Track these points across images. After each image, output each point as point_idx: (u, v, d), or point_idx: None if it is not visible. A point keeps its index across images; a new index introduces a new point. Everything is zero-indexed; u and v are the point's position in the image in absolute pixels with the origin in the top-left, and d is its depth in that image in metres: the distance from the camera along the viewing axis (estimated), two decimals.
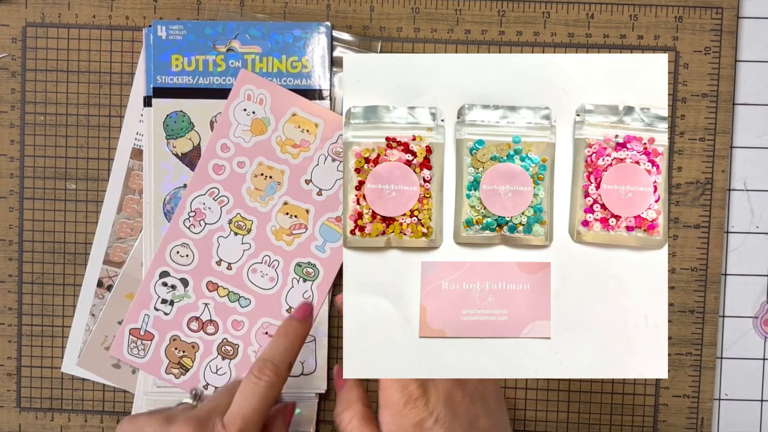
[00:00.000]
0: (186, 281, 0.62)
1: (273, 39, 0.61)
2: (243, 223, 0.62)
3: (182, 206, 0.62)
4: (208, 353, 0.62)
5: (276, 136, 0.62)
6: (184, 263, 0.62)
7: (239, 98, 0.61)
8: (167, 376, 0.62)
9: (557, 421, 0.65)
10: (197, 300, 0.62)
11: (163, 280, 0.62)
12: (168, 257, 0.62)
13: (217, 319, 0.62)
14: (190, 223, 0.62)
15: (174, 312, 0.62)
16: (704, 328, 0.65)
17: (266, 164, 0.62)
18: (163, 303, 0.62)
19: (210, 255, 0.62)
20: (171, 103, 0.62)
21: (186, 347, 0.62)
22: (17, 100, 0.64)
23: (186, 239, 0.62)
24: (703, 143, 0.64)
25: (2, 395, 0.65)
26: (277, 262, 0.62)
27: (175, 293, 0.62)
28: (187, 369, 0.62)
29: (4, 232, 0.65)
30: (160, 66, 0.62)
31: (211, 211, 0.62)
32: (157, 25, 0.62)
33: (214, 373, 0.62)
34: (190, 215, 0.62)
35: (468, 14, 0.64)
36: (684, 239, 0.64)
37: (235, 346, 0.62)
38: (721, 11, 0.64)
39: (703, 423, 0.65)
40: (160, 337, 0.62)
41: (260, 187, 0.62)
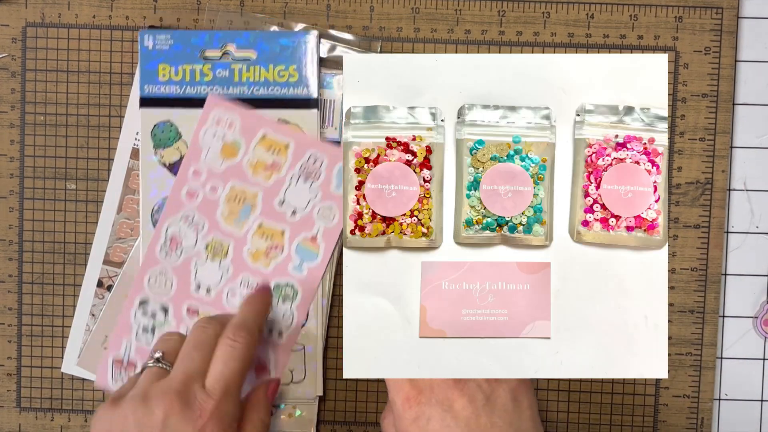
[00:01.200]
0: (166, 308, 0.62)
1: (260, 48, 0.61)
2: (220, 247, 0.62)
3: (158, 233, 0.62)
4: None
5: (247, 159, 0.62)
6: (162, 291, 0.62)
7: (208, 123, 0.61)
8: None
9: (557, 421, 0.65)
10: (178, 325, 0.62)
11: (143, 308, 0.62)
12: (146, 285, 0.62)
13: None
14: (167, 250, 0.62)
15: (155, 339, 0.62)
16: (704, 328, 0.65)
17: (239, 188, 0.62)
18: (144, 331, 0.62)
19: (188, 281, 0.62)
20: (159, 112, 0.62)
21: None
22: (17, 100, 0.64)
23: (163, 266, 0.62)
24: (703, 143, 0.64)
25: (2, 395, 0.65)
26: (255, 284, 0.62)
27: (156, 321, 0.62)
28: None
29: (4, 232, 0.65)
30: (147, 75, 0.62)
31: (187, 237, 0.62)
32: (144, 34, 0.62)
33: None
34: (166, 243, 0.62)
35: (468, 14, 0.64)
36: (684, 239, 0.64)
37: None
38: (721, 11, 0.64)
39: (703, 423, 0.65)
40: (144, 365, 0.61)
41: (234, 211, 0.62)
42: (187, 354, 0.55)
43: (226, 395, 0.54)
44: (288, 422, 0.63)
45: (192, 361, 0.54)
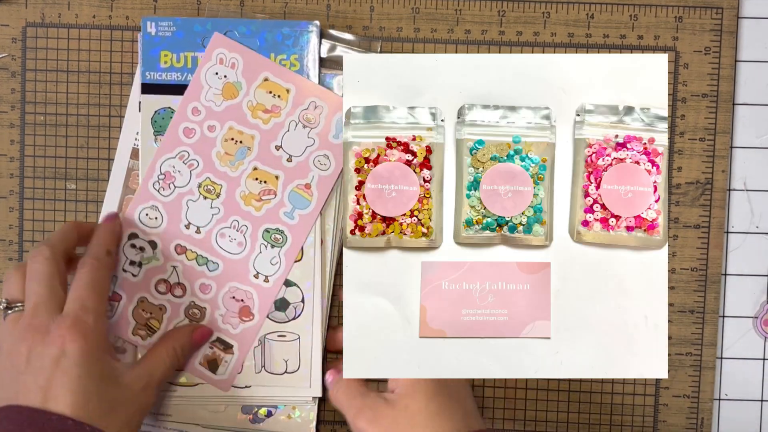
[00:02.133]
0: (154, 243, 0.62)
1: (262, 37, 0.61)
2: (212, 187, 0.62)
3: (152, 168, 0.62)
4: (175, 315, 0.62)
5: (247, 101, 0.61)
6: (152, 225, 0.62)
7: (211, 62, 0.61)
8: (134, 337, 0.62)
9: (557, 421, 0.65)
10: (165, 262, 0.62)
11: (132, 241, 0.62)
12: (137, 219, 0.62)
13: (185, 282, 0.62)
14: (160, 185, 0.62)
15: (142, 274, 0.62)
16: (704, 328, 0.65)
17: (237, 129, 0.62)
18: (132, 264, 0.62)
19: (179, 218, 0.62)
20: (159, 99, 0.62)
21: (153, 309, 0.62)
22: (17, 100, 0.64)
23: (155, 202, 0.62)
24: (703, 143, 0.64)
25: None
26: (245, 227, 0.62)
27: (144, 255, 0.62)
28: (154, 331, 0.62)
29: (4, 232, 0.65)
30: (149, 62, 0.62)
31: (181, 174, 0.62)
32: (146, 21, 0.62)
33: None
34: (160, 178, 0.62)
35: (468, 14, 0.64)
36: (684, 239, 0.64)
37: (202, 309, 0.62)
38: (721, 11, 0.64)
39: (703, 423, 0.65)
40: (128, 299, 0.62)
41: (230, 152, 0.62)
42: (29, 289, 0.56)
43: (83, 311, 0.55)
44: (287, 423, 0.63)
45: (35, 295, 0.56)
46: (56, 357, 0.53)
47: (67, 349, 0.54)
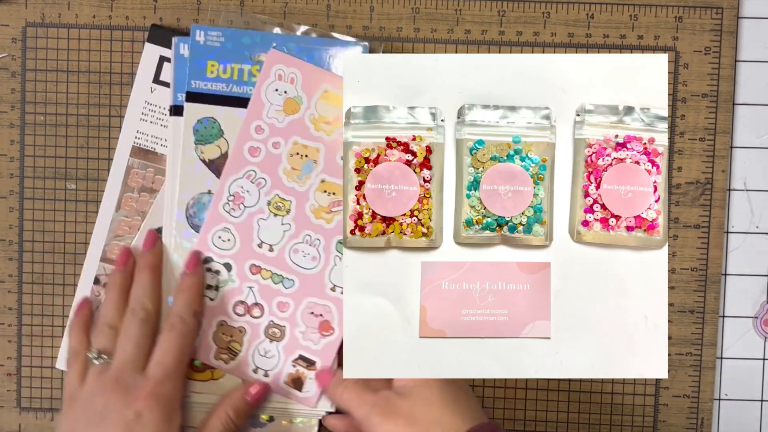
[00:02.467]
0: (229, 266, 0.62)
1: (309, 55, 0.61)
2: (282, 204, 0.61)
3: (221, 191, 0.61)
4: (256, 336, 0.62)
5: (309, 114, 0.61)
6: (226, 248, 0.62)
7: (270, 78, 0.61)
8: (217, 361, 0.62)
9: (557, 421, 0.65)
10: (241, 284, 0.62)
11: (207, 265, 0.62)
12: (210, 243, 0.62)
13: (262, 301, 0.62)
14: (230, 207, 0.61)
15: (219, 297, 0.62)
16: (704, 328, 0.65)
17: (301, 143, 0.61)
18: (209, 288, 0.62)
19: (251, 238, 0.62)
20: (204, 108, 0.62)
21: (233, 332, 0.62)
22: (17, 100, 0.64)
23: (227, 224, 0.62)
24: (703, 143, 0.64)
25: (2, 395, 0.65)
26: (318, 240, 0.61)
27: (220, 278, 0.62)
28: (236, 354, 0.62)
29: (4, 232, 0.65)
30: (195, 71, 0.62)
31: (250, 194, 0.61)
32: (196, 29, 0.61)
33: (263, 356, 0.62)
34: (229, 199, 0.61)
35: (468, 14, 0.64)
36: (684, 239, 0.64)
37: (281, 328, 0.62)
38: (721, 11, 0.64)
39: (703, 423, 0.65)
40: (207, 323, 0.62)
41: (297, 167, 0.61)
42: (120, 346, 0.59)
43: (164, 379, 0.58)
44: (288, 428, 0.62)
45: (125, 352, 0.58)
46: (130, 419, 0.56)
47: (142, 413, 0.56)
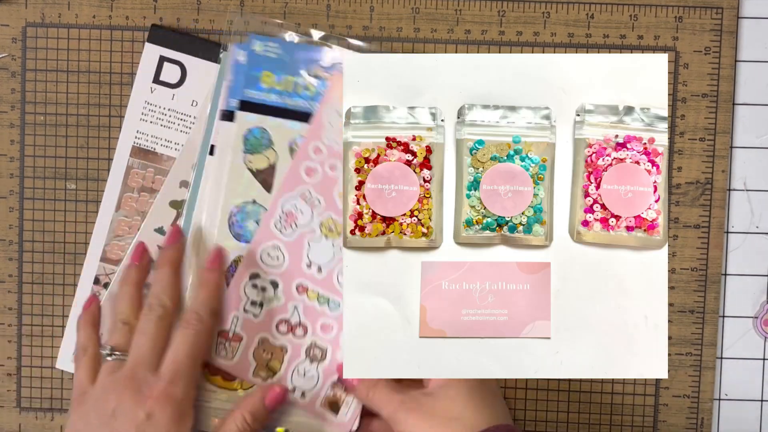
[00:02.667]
0: (276, 283, 0.61)
1: None
2: (334, 226, 0.61)
3: (273, 208, 0.61)
4: (297, 356, 0.61)
5: None
6: (274, 265, 0.61)
7: (333, 102, 0.61)
8: (254, 378, 0.61)
9: (557, 421, 0.65)
10: (287, 302, 0.61)
11: (254, 281, 0.61)
12: (259, 259, 0.61)
13: (306, 321, 0.61)
14: (282, 225, 0.61)
15: (263, 314, 0.61)
16: (704, 328, 0.65)
17: None
18: (253, 305, 0.61)
19: (300, 257, 0.61)
20: (255, 118, 0.62)
21: (274, 350, 0.61)
22: (17, 100, 0.64)
23: (277, 241, 0.61)
24: (703, 143, 0.64)
25: (2, 395, 0.65)
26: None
27: (265, 295, 0.61)
28: (274, 372, 0.61)
29: (4, 232, 0.65)
30: (250, 80, 0.61)
31: (303, 213, 0.61)
32: (253, 39, 0.61)
33: (302, 377, 0.61)
34: (281, 217, 0.61)
35: (468, 14, 0.64)
36: (684, 239, 0.64)
37: (323, 350, 0.61)
38: (721, 11, 0.64)
39: (703, 423, 0.65)
40: (249, 339, 0.61)
41: None
42: (135, 343, 0.58)
43: (176, 378, 0.57)
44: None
45: (139, 349, 0.58)
46: (141, 420, 0.55)
47: (153, 413, 0.55)
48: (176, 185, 0.63)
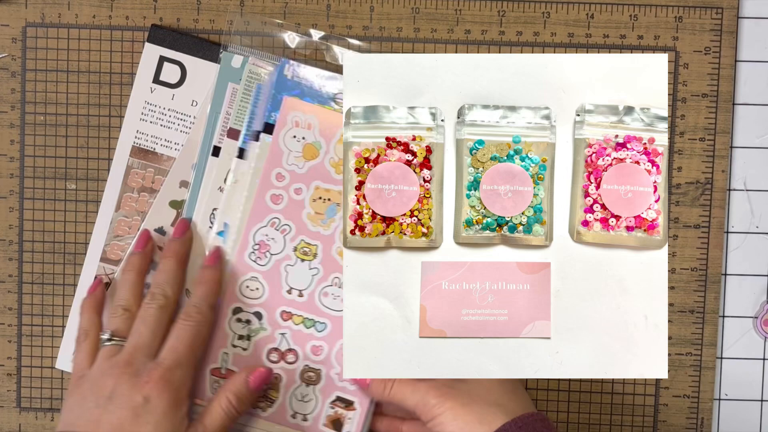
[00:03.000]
0: (260, 314, 0.62)
1: None
2: (308, 249, 0.62)
3: (245, 240, 0.62)
4: (292, 382, 0.62)
5: (329, 158, 0.62)
6: (255, 296, 0.62)
7: (287, 126, 0.61)
8: (255, 410, 0.61)
9: (557, 421, 0.65)
10: (273, 331, 0.62)
11: (237, 316, 0.62)
12: (239, 293, 0.62)
13: (295, 347, 0.62)
14: (256, 256, 0.62)
15: (252, 346, 0.62)
16: (704, 328, 0.65)
17: (323, 187, 0.62)
18: (240, 339, 0.62)
19: (280, 285, 0.62)
20: None
21: None
22: (17, 100, 0.64)
23: (254, 272, 0.62)
24: (703, 143, 0.64)
25: (2, 395, 0.65)
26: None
27: (251, 327, 0.62)
28: (273, 401, 0.61)
29: (4, 232, 0.65)
30: (275, 103, 0.62)
31: (275, 241, 0.62)
32: (285, 64, 0.62)
33: (300, 401, 0.62)
34: (255, 248, 0.62)
35: (468, 14, 0.64)
36: (684, 239, 0.64)
37: (317, 372, 0.62)
38: (721, 11, 0.64)
39: (703, 423, 0.65)
40: None
41: (320, 211, 0.62)
42: (135, 330, 0.59)
43: (175, 366, 0.58)
44: None
45: (140, 336, 0.58)
46: (138, 404, 0.56)
47: (150, 398, 0.56)
48: (176, 185, 0.63)
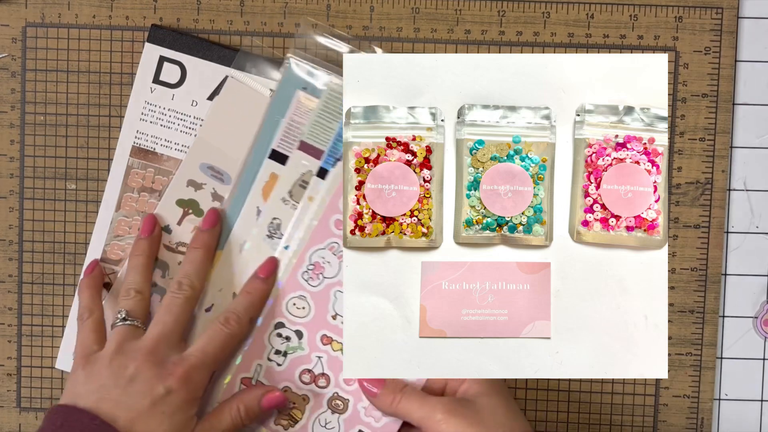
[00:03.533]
0: (300, 333, 0.62)
1: None
2: None
3: (301, 259, 0.61)
4: (318, 406, 0.61)
5: None
6: (300, 315, 0.62)
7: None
8: (275, 426, 0.61)
9: (557, 421, 0.65)
10: (311, 352, 0.62)
11: (278, 331, 0.62)
12: (284, 309, 0.62)
13: (329, 372, 0.61)
14: (309, 276, 0.62)
15: (287, 363, 0.62)
16: (704, 328, 0.65)
17: None
18: (277, 354, 0.62)
19: (326, 309, 0.61)
20: None
21: (296, 399, 0.61)
22: (17, 100, 0.64)
23: (304, 292, 0.62)
24: (703, 143, 0.64)
25: (2, 395, 0.65)
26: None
27: (289, 344, 0.62)
28: (296, 421, 0.61)
29: (4, 232, 0.65)
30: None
31: (330, 264, 0.61)
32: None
33: (323, 427, 0.61)
34: (309, 268, 0.61)
35: (468, 14, 0.64)
36: (684, 239, 0.64)
37: (345, 401, 0.61)
38: (721, 11, 0.64)
39: (703, 423, 0.65)
40: None
41: None
42: (159, 317, 0.59)
43: (201, 366, 0.57)
44: None
45: (164, 325, 0.58)
46: (159, 394, 0.55)
47: (171, 391, 0.56)
48: (183, 184, 0.63)
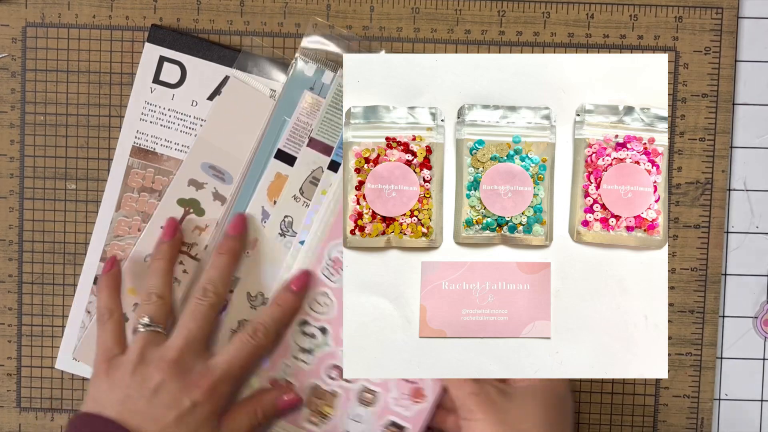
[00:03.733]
0: (325, 329, 0.62)
1: None
2: None
3: (320, 255, 0.62)
4: (348, 401, 0.61)
5: None
6: (323, 312, 0.62)
7: None
8: (307, 425, 0.61)
9: None
10: (336, 348, 0.62)
11: (303, 329, 0.62)
12: (307, 306, 0.62)
13: None
14: (329, 272, 0.62)
15: (314, 361, 0.62)
16: (704, 328, 0.65)
17: None
18: (303, 352, 0.62)
19: None
20: None
21: (325, 395, 0.61)
22: (17, 100, 0.64)
23: (326, 288, 0.62)
24: (703, 143, 0.64)
25: (2, 395, 0.65)
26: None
27: (315, 342, 0.62)
28: (326, 417, 0.61)
29: (4, 232, 0.65)
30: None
31: None
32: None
33: (353, 420, 0.61)
34: (329, 264, 0.62)
35: (468, 14, 0.64)
36: (684, 239, 0.64)
37: (375, 393, 0.61)
38: (721, 11, 0.64)
39: (703, 423, 0.65)
40: (300, 387, 0.61)
41: None
42: (184, 324, 0.58)
43: (227, 378, 0.57)
44: None
45: (189, 332, 0.57)
46: (185, 407, 0.55)
47: (197, 405, 0.55)
48: (185, 184, 0.63)
